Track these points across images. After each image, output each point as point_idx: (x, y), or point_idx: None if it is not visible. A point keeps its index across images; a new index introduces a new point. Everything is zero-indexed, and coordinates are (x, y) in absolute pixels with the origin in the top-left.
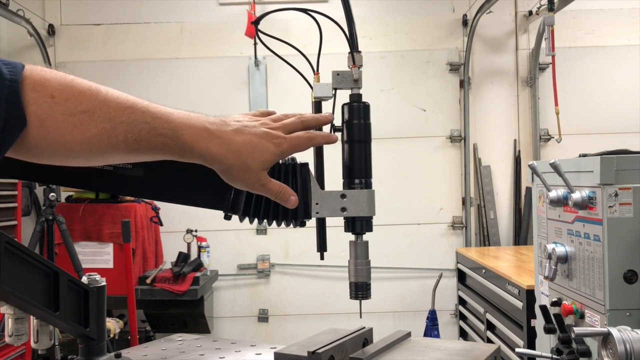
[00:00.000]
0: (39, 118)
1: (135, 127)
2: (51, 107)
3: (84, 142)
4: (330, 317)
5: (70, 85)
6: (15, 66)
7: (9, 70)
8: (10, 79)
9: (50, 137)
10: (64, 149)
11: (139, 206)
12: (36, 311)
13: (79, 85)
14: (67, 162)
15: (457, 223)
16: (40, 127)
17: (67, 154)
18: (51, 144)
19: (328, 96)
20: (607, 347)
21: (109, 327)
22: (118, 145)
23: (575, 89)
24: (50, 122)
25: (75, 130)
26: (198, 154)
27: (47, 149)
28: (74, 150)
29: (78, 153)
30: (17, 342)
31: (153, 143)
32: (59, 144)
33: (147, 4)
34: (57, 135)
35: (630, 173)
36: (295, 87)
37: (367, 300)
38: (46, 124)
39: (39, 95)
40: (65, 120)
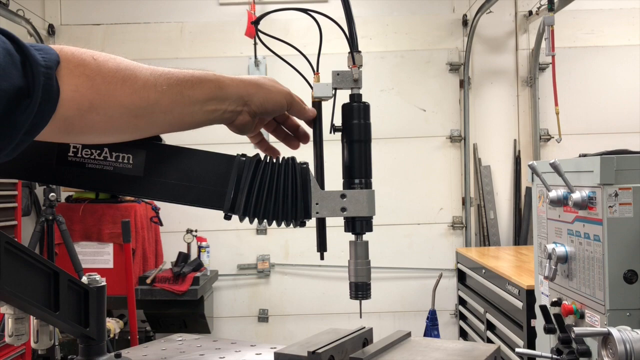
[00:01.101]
0: (89, 77)
1: (174, 74)
2: (97, 65)
3: (134, 94)
4: (330, 317)
5: (104, 52)
6: (48, 52)
7: (42, 57)
8: (45, 65)
9: (103, 92)
10: (117, 105)
11: (139, 206)
12: (36, 311)
13: (111, 54)
14: (119, 124)
15: (457, 223)
16: (91, 86)
17: (120, 110)
18: (104, 101)
19: (328, 96)
20: (607, 347)
21: (109, 327)
22: (163, 92)
23: (575, 89)
24: (100, 79)
25: (125, 84)
26: (238, 82)
27: (100, 108)
28: (125, 104)
29: (129, 107)
30: (17, 342)
31: (193, 83)
32: (111, 100)
33: (147, 4)
34: (109, 90)
35: (630, 173)
36: (295, 87)
37: (367, 300)
38: (97, 81)
39: (82, 59)
40: (114, 74)
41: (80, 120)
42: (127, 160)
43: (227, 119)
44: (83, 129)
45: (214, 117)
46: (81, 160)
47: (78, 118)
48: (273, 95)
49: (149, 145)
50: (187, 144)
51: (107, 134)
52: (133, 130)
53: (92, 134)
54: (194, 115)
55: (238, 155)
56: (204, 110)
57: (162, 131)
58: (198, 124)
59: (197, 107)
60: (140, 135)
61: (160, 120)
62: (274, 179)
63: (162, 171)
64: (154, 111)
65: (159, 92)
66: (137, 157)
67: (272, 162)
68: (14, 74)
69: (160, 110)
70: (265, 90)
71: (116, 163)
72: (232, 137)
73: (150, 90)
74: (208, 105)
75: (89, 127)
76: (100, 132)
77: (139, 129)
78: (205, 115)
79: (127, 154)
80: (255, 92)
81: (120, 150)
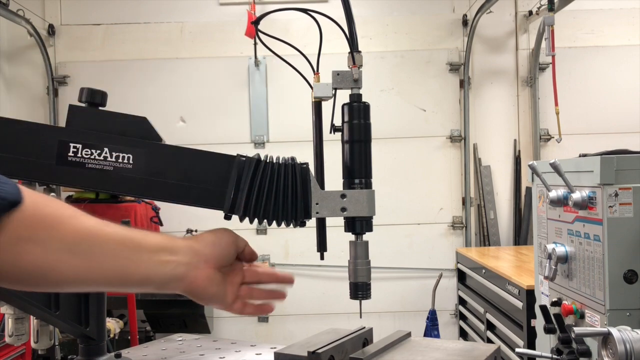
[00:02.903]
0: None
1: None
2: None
3: (76, 227)
4: (330, 317)
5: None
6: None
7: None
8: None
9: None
10: (55, 238)
11: (139, 206)
12: (36, 311)
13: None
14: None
15: (457, 223)
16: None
17: (57, 244)
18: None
19: (328, 96)
20: (607, 347)
21: (109, 327)
22: (110, 234)
23: (575, 89)
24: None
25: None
26: (187, 238)
27: (38, 239)
28: (63, 237)
29: (66, 241)
30: (17, 342)
31: (146, 234)
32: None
33: (147, 4)
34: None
35: (630, 173)
36: (295, 87)
37: (367, 300)
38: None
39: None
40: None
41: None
42: (127, 160)
43: (181, 274)
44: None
45: (166, 270)
46: (81, 160)
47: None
48: (220, 231)
49: (149, 145)
50: (187, 144)
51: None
52: (71, 270)
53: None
54: (142, 265)
55: (238, 155)
56: (154, 260)
57: (105, 281)
58: (147, 279)
59: (146, 256)
60: (75, 285)
61: (100, 264)
62: (274, 179)
63: (162, 171)
64: (98, 252)
65: (106, 230)
66: (137, 157)
67: (272, 162)
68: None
69: (107, 250)
70: (212, 230)
71: (116, 163)
72: (232, 137)
73: (104, 229)
74: (159, 255)
75: (22, 259)
76: (34, 266)
77: (78, 270)
78: (156, 267)
79: (127, 154)
80: (203, 233)
81: (120, 150)
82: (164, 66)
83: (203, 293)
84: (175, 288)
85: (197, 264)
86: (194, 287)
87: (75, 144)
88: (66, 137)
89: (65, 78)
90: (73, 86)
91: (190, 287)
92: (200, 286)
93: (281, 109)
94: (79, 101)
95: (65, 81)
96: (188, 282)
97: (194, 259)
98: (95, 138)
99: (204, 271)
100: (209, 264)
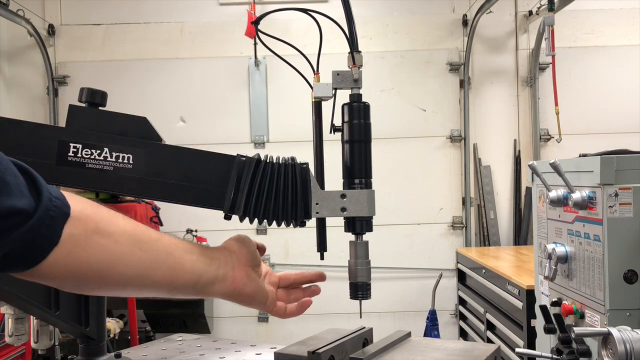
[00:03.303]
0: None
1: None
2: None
3: (136, 225)
4: (330, 317)
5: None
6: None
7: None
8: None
9: (106, 218)
10: (121, 230)
11: (139, 206)
12: (36, 311)
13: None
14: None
15: (457, 223)
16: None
17: (124, 237)
18: (108, 225)
19: (328, 96)
20: (607, 347)
21: (109, 327)
22: (162, 234)
23: (575, 89)
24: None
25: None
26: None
27: (105, 231)
28: (128, 231)
29: (132, 234)
30: (17, 342)
31: (186, 242)
32: (113, 225)
33: (147, 4)
34: (111, 217)
35: (630, 173)
36: (295, 87)
37: (367, 300)
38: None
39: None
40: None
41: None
42: (127, 160)
43: (224, 274)
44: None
45: (212, 269)
46: (81, 160)
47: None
48: (241, 237)
49: (149, 145)
50: (187, 144)
51: (109, 268)
52: (136, 264)
53: (95, 266)
54: (194, 264)
55: (238, 155)
56: (202, 260)
57: (163, 280)
58: (198, 279)
59: (195, 256)
60: (146, 282)
61: (162, 261)
62: (274, 179)
63: (162, 171)
64: (157, 247)
65: (158, 234)
66: (137, 157)
67: (272, 162)
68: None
69: (162, 247)
70: (233, 238)
71: (116, 163)
72: (232, 137)
73: (151, 230)
74: (204, 256)
75: (93, 251)
76: (104, 261)
77: (143, 263)
78: (206, 266)
79: (127, 154)
80: (227, 240)
81: (120, 150)
82: (164, 66)
83: (243, 290)
84: (219, 289)
85: (233, 263)
86: (235, 286)
87: (75, 144)
88: (66, 137)
89: (65, 78)
90: (73, 86)
91: (232, 287)
92: (240, 284)
93: (281, 109)
94: (79, 101)
95: (65, 81)
96: (230, 281)
97: (229, 259)
98: (95, 138)
99: (240, 269)
100: (242, 263)
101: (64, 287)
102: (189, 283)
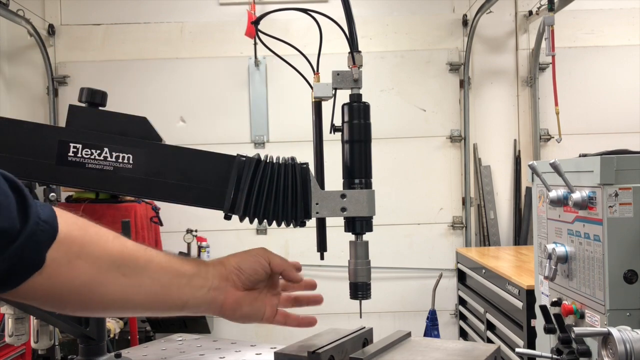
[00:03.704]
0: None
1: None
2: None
3: (122, 245)
4: (330, 317)
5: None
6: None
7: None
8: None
9: (89, 239)
10: (103, 251)
11: (139, 206)
12: (36, 311)
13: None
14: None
15: (457, 223)
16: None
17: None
18: (90, 248)
19: (328, 96)
20: (607, 347)
21: (109, 327)
22: (153, 256)
23: (575, 89)
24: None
25: (114, 238)
26: (215, 261)
27: (87, 255)
28: (111, 252)
29: (114, 257)
30: (17, 342)
31: (182, 259)
32: (97, 247)
33: (147, 4)
34: (96, 239)
35: (630, 173)
36: (295, 87)
37: (367, 300)
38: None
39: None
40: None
41: (67, 266)
42: (127, 160)
43: (212, 298)
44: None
45: (200, 294)
46: (81, 160)
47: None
48: (247, 254)
49: (149, 145)
50: (187, 144)
51: (90, 292)
52: (118, 289)
53: (76, 289)
54: (181, 290)
55: (238, 155)
56: (191, 285)
57: (148, 304)
58: (185, 304)
59: (184, 280)
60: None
61: (146, 286)
62: (274, 179)
63: (162, 171)
64: (142, 273)
65: (149, 256)
66: (137, 157)
67: (272, 162)
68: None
69: (148, 273)
70: (240, 253)
71: (116, 163)
72: (232, 137)
73: (141, 252)
74: (194, 280)
75: (74, 276)
76: (85, 285)
77: (124, 288)
78: (193, 292)
79: (127, 154)
80: (230, 258)
81: (120, 150)
82: (164, 66)
83: (234, 314)
84: (207, 311)
85: (225, 288)
86: (224, 310)
87: (75, 144)
88: (66, 137)
89: (65, 78)
90: (73, 86)
91: (221, 310)
92: (230, 309)
93: (281, 109)
94: (79, 101)
95: (65, 81)
96: (219, 305)
97: (221, 284)
98: (95, 138)
99: (232, 295)
100: (237, 288)
101: (46, 308)
102: (175, 307)
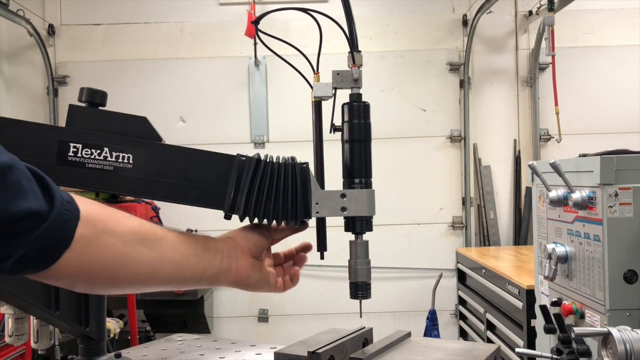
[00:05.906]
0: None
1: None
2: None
3: (142, 223)
4: (330, 317)
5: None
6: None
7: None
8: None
9: (113, 217)
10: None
11: (139, 206)
12: (36, 311)
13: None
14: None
15: (457, 223)
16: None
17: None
18: (115, 226)
19: (328, 96)
20: (607, 347)
21: (109, 327)
22: (168, 231)
23: (575, 89)
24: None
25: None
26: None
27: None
28: (134, 229)
29: (137, 232)
30: (17, 342)
31: (191, 235)
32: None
33: (147, 4)
34: (117, 217)
35: (630, 173)
36: (295, 86)
37: (367, 300)
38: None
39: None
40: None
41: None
42: (127, 160)
43: (227, 266)
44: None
45: (216, 262)
46: (81, 160)
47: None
48: (248, 225)
49: (149, 145)
50: (187, 144)
51: (119, 266)
52: (144, 261)
53: (105, 265)
54: (199, 259)
55: (238, 155)
56: (206, 254)
57: (171, 275)
58: (203, 273)
59: (199, 250)
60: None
61: (168, 258)
62: (274, 178)
63: (162, 171)
64: (163, 245)
65: (164, 230)
66: (137, 157)
67: (272, 162)
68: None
69: (168, 244)
70: (241, 227)
71: (116, 163)
72: (232, 137)
73: (157, 227)
74: (208, 249)
75: (103, 251)
76: (114, 260)
77: (150, 261)
78: (210, 261)
79: (127, 154)
80: (233, 230)
81: (120, 150)
82: (164, 66)
83: (247, 280)
84: (224, 280)
85: (236, 255)
86: (239, 277)
87: (75, 144)
88: (66, 137)
89: (65, 78)
90: (73, 86)
91: (236, 277)
92: (244, 275)
93: (281, 109)
94: (79, 101)
95: (65, 81)
96: (234, 272)
97: (232, 250)
98: (96, 138)
99: (243, 262)
100: (246, 254)
101: (76, 287)
102: (195, 277)
